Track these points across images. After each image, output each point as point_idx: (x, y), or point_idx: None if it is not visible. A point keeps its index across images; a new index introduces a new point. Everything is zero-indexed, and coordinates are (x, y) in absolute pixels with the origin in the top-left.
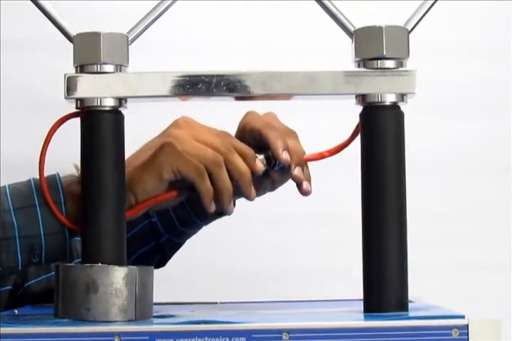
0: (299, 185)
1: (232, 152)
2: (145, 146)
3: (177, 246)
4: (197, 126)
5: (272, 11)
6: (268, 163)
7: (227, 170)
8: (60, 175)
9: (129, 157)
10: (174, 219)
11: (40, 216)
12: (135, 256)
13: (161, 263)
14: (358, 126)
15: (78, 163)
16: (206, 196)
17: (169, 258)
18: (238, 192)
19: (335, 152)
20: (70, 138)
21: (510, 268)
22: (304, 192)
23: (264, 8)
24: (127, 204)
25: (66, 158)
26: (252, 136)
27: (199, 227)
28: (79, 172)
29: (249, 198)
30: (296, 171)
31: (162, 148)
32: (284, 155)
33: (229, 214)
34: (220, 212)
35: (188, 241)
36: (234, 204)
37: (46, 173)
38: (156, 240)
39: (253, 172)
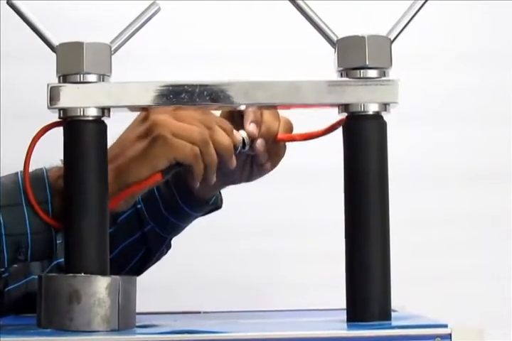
0: (259, 158)
1: (214, 128)
2: (128, 135)
3: (162, 240)
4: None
5: (254, 20)
6: (242, 144)
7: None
8: (47, 168)
9: (112, 147)
10: (159, 202)
11: (26, 214)
12: (119, 248)
13: (144, 261)
14: (337, 121)
15: None
16: (198, 175)
17: (153, 255)
18: (225, 180)
19: (306, 138)
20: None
21: (495, 276)
22: (263, 168)
23: (247, 19)
24: (116, 187)
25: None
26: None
27: (184, 217)
28: None
29: (231, 167)
30: (258, 144)
31: (154, 141)
32: (251, 127)
33: (211, 183)
34: (206, 202)
35: (174, 250)
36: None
37: None
38: (140, 229)
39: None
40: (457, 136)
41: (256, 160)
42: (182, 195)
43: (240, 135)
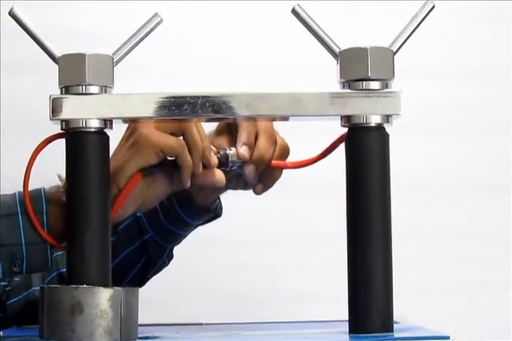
0: (249, 184)
1: (191, 126)
2: (118, 145)
3: (162, 249)
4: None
5: (256, 32)
6: (225, 161)
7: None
8: (46, 187)
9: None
10: (158, 209)
11: (21, 225)
12: (120, 257)
13: (145, 271)
14: (331, 145)
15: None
16: (187, 169)
17: (154, 265)
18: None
19: (299, 166)
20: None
21: (495, 287)
22: (254, 191)
23: (249, 30)
24: (111, 195)
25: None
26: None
27: (182, 224)
28: (62, 182)
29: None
30: (248, 170)
31: (140, 136)
32: (243, 150)
33: (199, 171)
34: (206, 210)
35: (175, 262)
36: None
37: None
38: (140, 238)
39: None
40: (458, 148)
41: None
42: (181, 204)
43: (223, 153)
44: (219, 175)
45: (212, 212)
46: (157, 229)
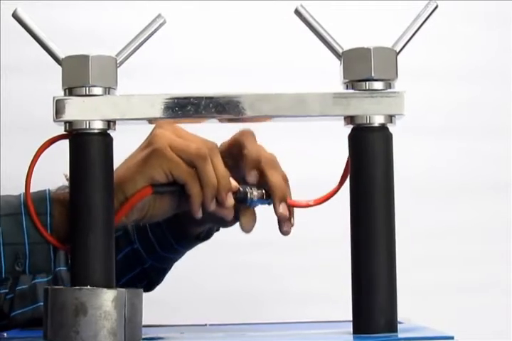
0: (282, 223)
1: (215, 150)
2: (134, 152)
3: (162, 271)
4: (178, 127)
5: (260, 32)
6: (244, 197)
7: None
8: (51, 188)
9: (119, 166)
10: (154, 243)
11: (25, 224)
12: (122, 282)
13: (149, 288)
14: (344, 173)
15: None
16: (196, 199)
17: (156, 283)
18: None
19: (321, 202)
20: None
21: (497, 288)
22: (285, 232)
23: (252, 30)
24: (117, 203)
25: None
26: (245, 163)
27: (180, 253)
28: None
29: (224, 205)
30: (281, 209)
31: (154, 152)
32: (281, 209)
33: (209, 209)
34: (198, 236)
35: (177, 264)
36: (217, 229)
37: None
38: (140, 266)
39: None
40: (461, 148)
41: (279, 226)
42: (175, 238)
43: (243, 190)
44: (230, 211)
45: (204, 239)
46: (155, 258)
